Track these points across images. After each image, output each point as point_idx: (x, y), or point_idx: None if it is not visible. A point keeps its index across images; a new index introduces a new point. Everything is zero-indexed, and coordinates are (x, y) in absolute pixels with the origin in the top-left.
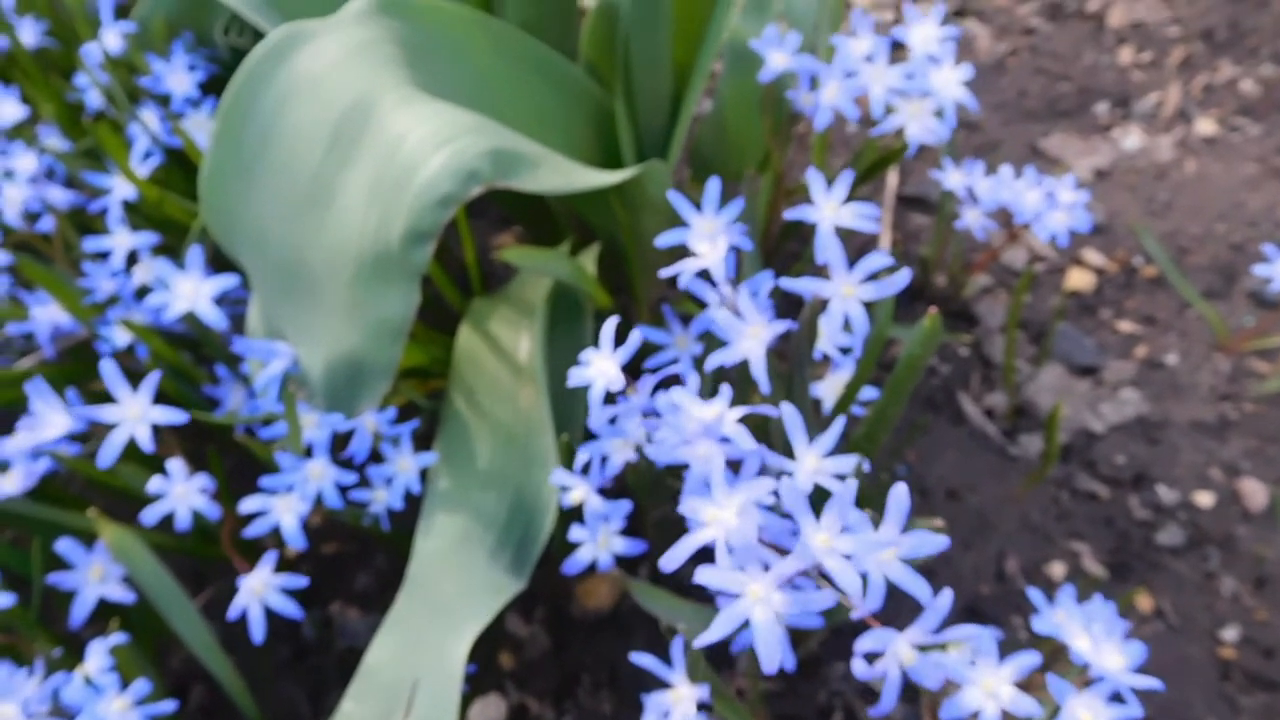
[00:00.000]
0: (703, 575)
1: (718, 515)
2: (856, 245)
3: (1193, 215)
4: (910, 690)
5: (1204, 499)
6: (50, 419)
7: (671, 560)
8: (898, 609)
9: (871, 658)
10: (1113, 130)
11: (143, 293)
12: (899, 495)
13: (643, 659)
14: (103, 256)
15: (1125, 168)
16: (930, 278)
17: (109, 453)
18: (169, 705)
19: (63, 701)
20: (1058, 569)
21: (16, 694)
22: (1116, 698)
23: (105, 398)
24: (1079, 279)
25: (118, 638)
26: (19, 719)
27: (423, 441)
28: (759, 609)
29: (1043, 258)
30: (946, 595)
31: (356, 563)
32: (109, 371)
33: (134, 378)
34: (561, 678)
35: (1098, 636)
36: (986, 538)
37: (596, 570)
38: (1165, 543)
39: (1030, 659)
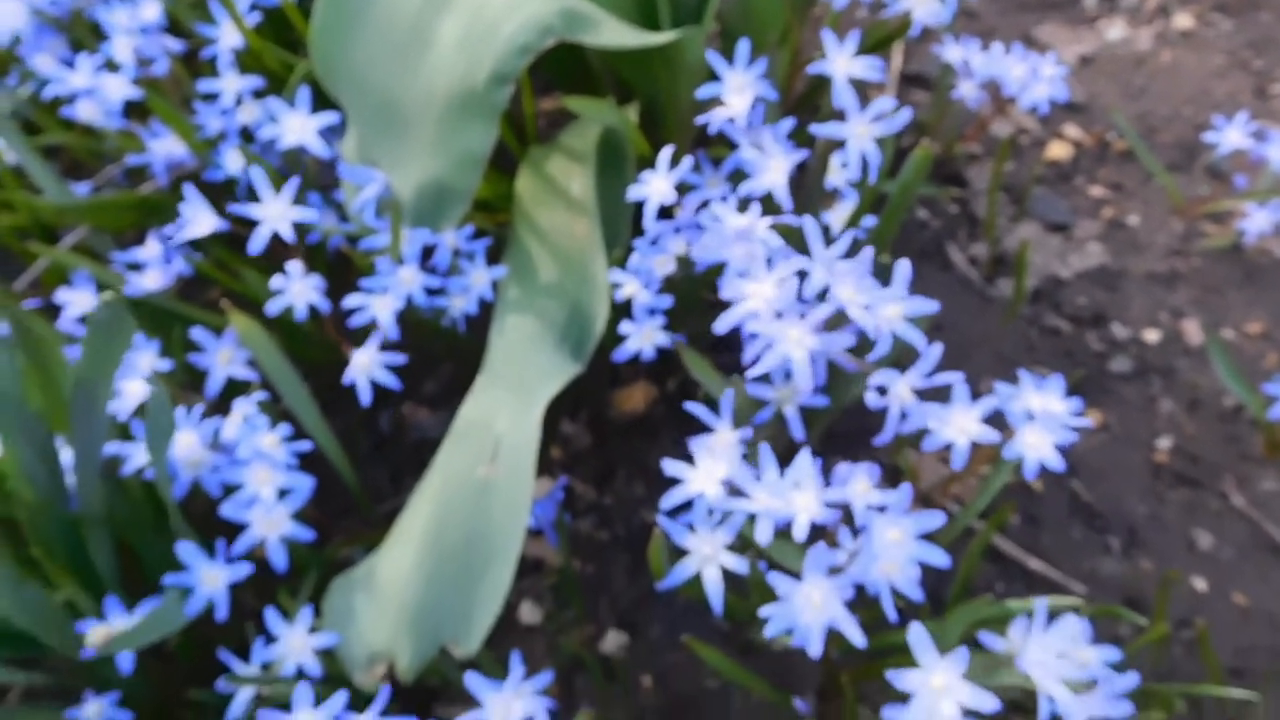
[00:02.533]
0: (752, 325)
1: (759, 289)
2: None
3: (1164, 99)
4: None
5: (1151, 336)
6: (199, 218)
7: (723, 324)
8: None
9: (882, 391)
10: (1099, 22)
11: (244, 131)
12: (902, 267)
13: (694, 407)
14: (212, 97)
15: (1108, 56)
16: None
17: (257, 243)
18: (307, 444)
19: (221, 439)
20: None
21: (188, 426)
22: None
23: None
24: (1058, 150)
25: (259, 395)
26: (196, 443)
27: (492, 261)
28: (797, 349)
29: (1026, 130)
30: (938, 347)
31: (424, 371)
32: (258, 176)
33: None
34: (601, 468)
35: (1047, 395)
36: (965, 365)
37: (640, 360)
38: (1116, 370)
39: (993, 401)
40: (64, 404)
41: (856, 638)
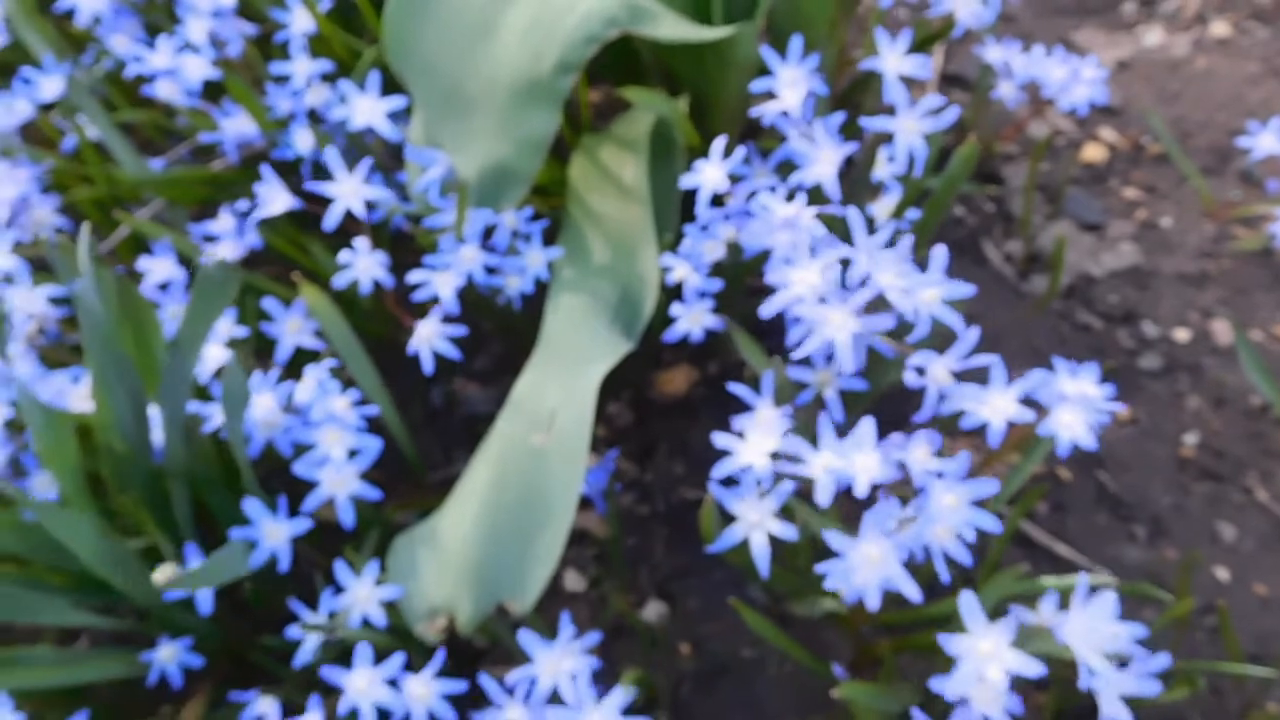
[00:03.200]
0: (797, 309)
1: (804, 275)
2: None
3: (1198, 105)
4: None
5: (1181, 335)
6: (275, 197)
7: (769, 308)
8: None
9: (920, 372)
10: (1136, 28)
11: (312, 113)
12: (939, 253)
13: (737, 387)
14: (284, 80)
15: (1144, 61)
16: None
17: (332, 219)
18: (374, 409)
19: (295, 402)
20: None
21: (265, 389)
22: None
23: None
24: (1093, 152)
25: (329, 362)
26: (272, 406)
27: (546, 243)
28: (840, 332)
29: (1062, 132)
30: (975, 330)
31: (475, 348)
32: (332, 155)
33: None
34: (643, 446)
35: (1081, 380)
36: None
37: (687, 342)
38: (1145, 367)
39: (1031, 381)
40: (155, 363)
41: (913, 594)
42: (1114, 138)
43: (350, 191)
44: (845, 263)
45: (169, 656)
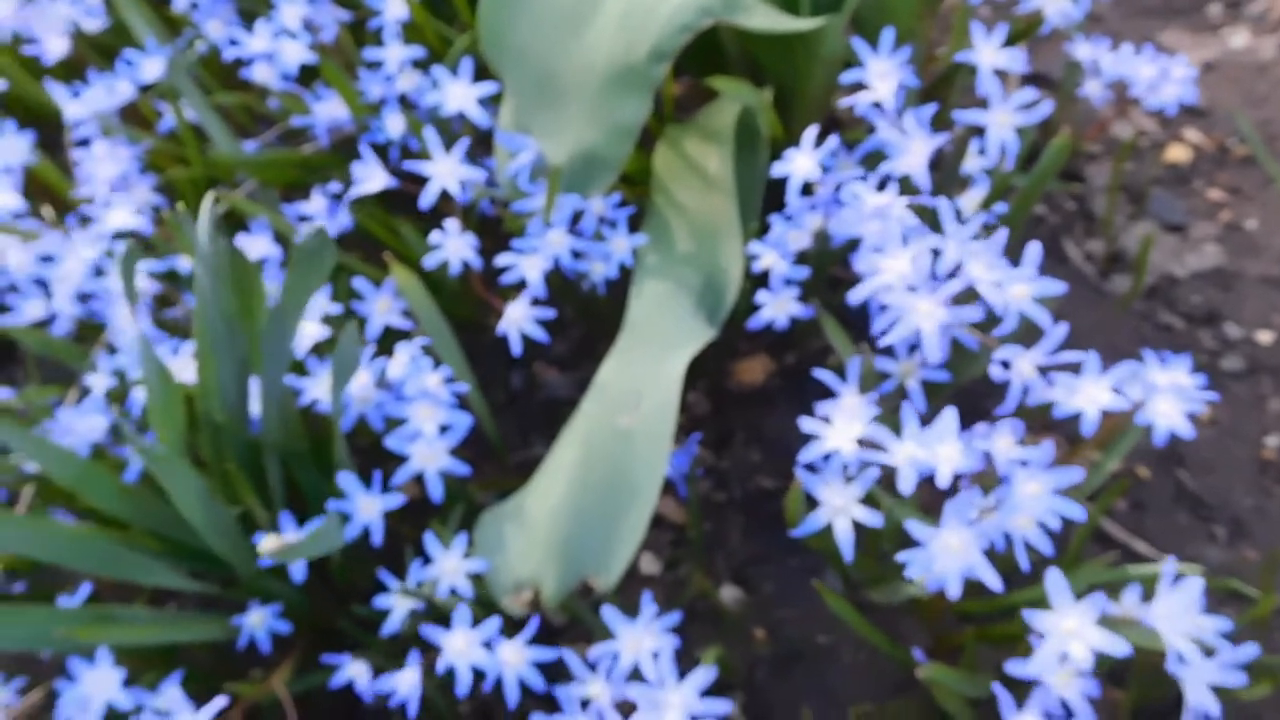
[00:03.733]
0: (885, 296)
1: (893, 264)
2: None
3: None
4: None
5: (1264, 337)
6: (372, 175)
7: (857, 295)
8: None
9: (1005, 365)
10: (1222, 29)
11: (402, 99)
12: (1033, 249)
13: (822, 373)
14: (376, 65)
15: (1230, 63)
16: (1049, 143)
17: (428, 198)
18: (464, 386)
19: (387, 378)
20: None
21: (361, 365)
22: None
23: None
24: (1177, 153)
25: (421, 340)
26: (369, 381)
27: (631, 231)
28: (927, 321)
29: (1146, 133)
30: (1063, 326)
31: (556, 333)
32: (430, 136)
33: None
34: (719, 434)
35: (1173, 371)
36: None
37: (771, 329)
38: (1227, 368)
39: (1123, 372)
40: (257, 334)
41: (994, 582)
42: (1199, 139)
43: (446, 171)
44: (936, 253)
45: (258, 622)
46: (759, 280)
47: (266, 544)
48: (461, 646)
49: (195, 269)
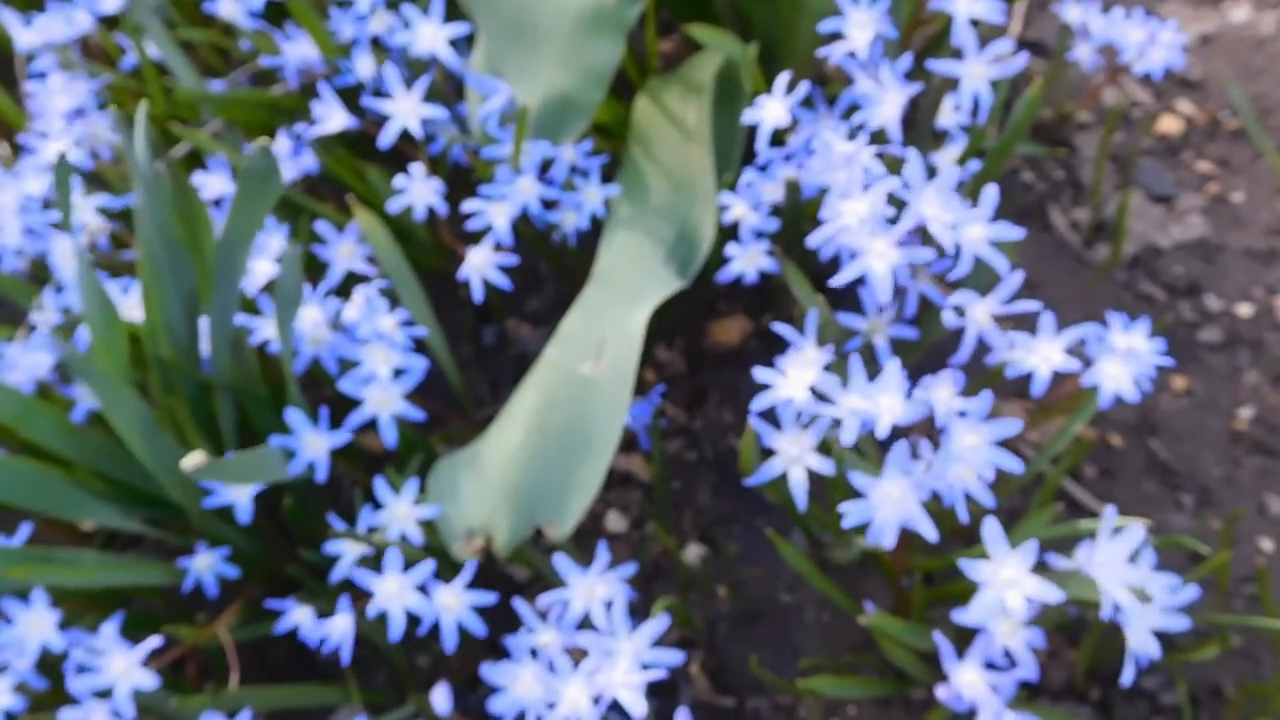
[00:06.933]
0: (842, 238)
1: (853, 207)
2: None
3: None
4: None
5: (1244, 310)
6: (332, 115)
7: (817, 238)
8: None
9: (960, 312)
10: (1223, 3)
11: (374, 40)
12: (990, 191)
13: (779, 326)
14: (347, 4)
15: (1229, 37)
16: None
17: (388, 137)
18: (422, 330)
19: (342, 320)
20: None
21: (313, 301)
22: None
23: None
24: (1169, 124)
25: (379, 283)
26: (320, 320)
27: (605, 182)
28: (878, 261)
29: (1139, 103)
30: (1019, 274)
31: (529, 289)
32: (391, 73)
33: None
34: (693, 393)
35: (1133, 335)
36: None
37: (741, 283)
38: (1205, 340)
39: (1080, 331)
40: (206, 270)
41: (929, 533)
42: (1191, 111)
43: (408, 110)
44: (902, 205)
45: (205, 565)
46: (733, 234)
47: (190, 460)
48: (393, 590)
49: (135, 188)
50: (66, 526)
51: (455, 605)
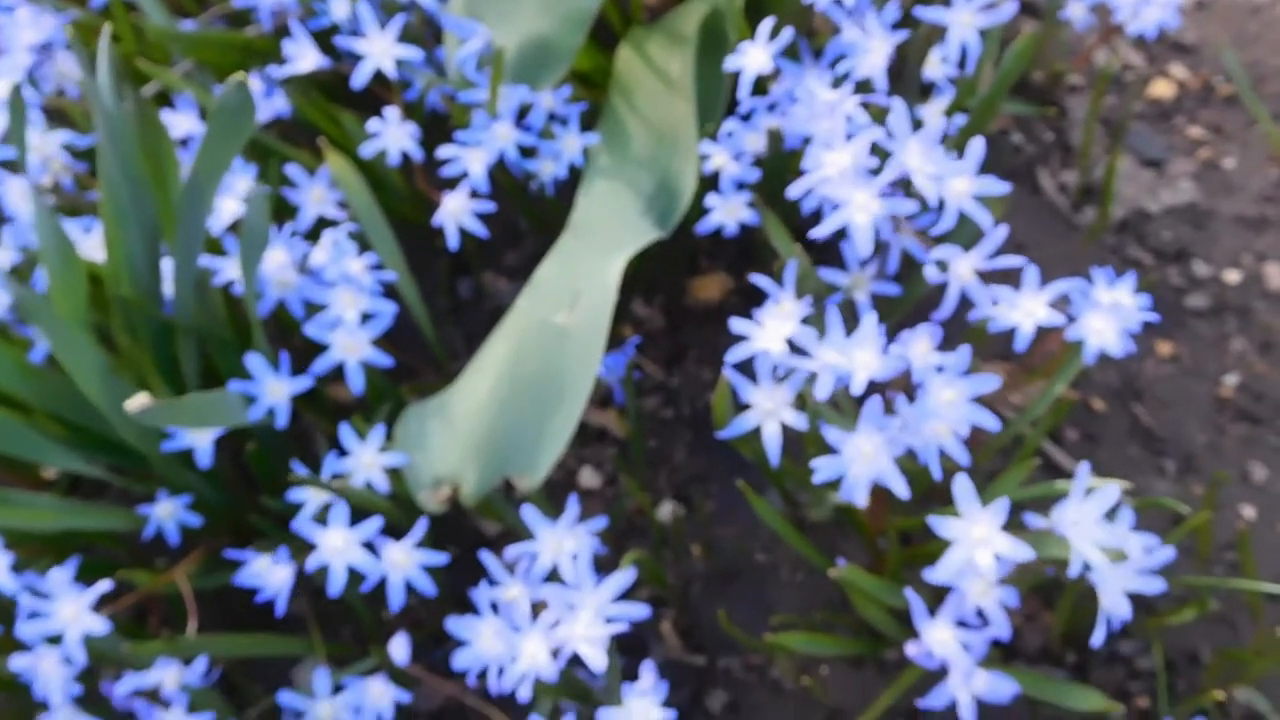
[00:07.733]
0: (823, 189)
1: (836, 158)
2: None
3: (1275, 49)
4: None
5: (1232, 276)
6: (304, 54)
7: (797, 189)
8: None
9: (942, 266)
10: None
11: None
12: (976, 144)
13: (757, 278)
14: None
15: (1224, 2)
16: (1029, 73)
17: (361, 76)
18: (392, 274)
19: (310, 264)
20: None
21: (278, 244)
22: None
23: None
24: (1162, 89)
25: (349, 227)
26: (286, 262)
27: (585, 130)
28: (860, 214)
29: (1132, 67)
30: (1003, 229)
31: (507, 242)
32: (364, 11)
33: None
34: (672, 350)
35: (1117, 290)
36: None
37: (722, 235)
38: (1192, 306)
39: (1064, 286)
40: (170, 207)
41: (901, 489)
42: (1184, 75)
43: (381, 50)
44: (886, 156)
45: (167, 513)
46: (713, 184)
47: (135, 401)
48: (338, 544)
49: (96, 122)
50: (28, 473)
51: (405, 563)
